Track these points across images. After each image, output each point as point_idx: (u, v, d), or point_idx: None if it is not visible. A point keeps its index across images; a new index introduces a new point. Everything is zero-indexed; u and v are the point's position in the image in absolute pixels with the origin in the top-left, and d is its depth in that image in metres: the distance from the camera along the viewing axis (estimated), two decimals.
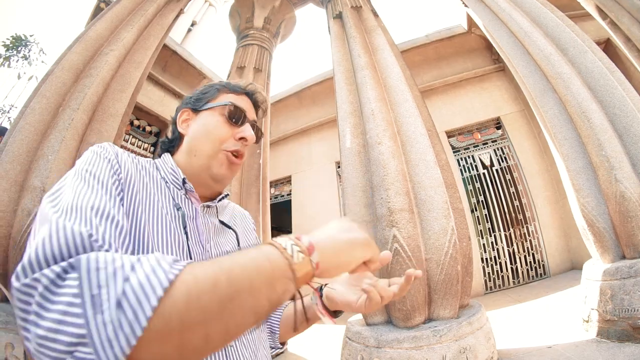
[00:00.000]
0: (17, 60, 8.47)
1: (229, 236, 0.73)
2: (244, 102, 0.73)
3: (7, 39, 8.37)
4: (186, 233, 0.60)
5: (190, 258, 0.58)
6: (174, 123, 0.74)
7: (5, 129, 2.78)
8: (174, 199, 0.64)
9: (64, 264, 0.33)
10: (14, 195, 1.95)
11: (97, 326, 0.29)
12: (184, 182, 0.66)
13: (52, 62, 2.54)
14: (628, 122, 2.33)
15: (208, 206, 0.70)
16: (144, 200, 0.57)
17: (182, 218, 0.61)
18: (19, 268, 0.34)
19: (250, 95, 0.76)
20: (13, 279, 0.34)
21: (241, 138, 0.69)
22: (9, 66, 8.39)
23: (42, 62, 8.69)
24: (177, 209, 0.62)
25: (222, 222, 0.73)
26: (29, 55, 8.61)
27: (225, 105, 0.70)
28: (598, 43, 4.55)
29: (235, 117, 0.70)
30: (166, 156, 0.71)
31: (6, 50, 8.36)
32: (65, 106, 2.30)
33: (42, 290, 0.32)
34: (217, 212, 0.74)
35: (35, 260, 0.34)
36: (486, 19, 3.36)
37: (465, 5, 3.73)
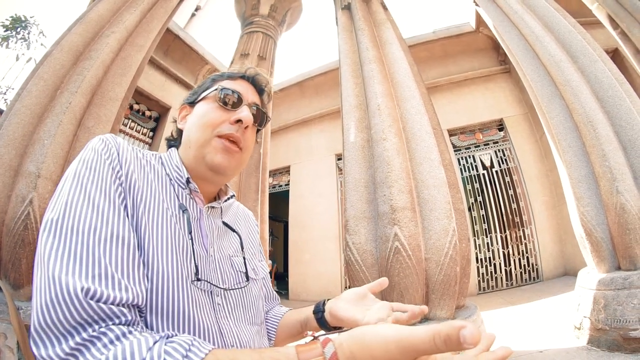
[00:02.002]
0: (16, 41, 8.20)
1: (232, 239, 0.71)
2: (240, 86, 0.69)
3: (7, 19, 8.09)
4: (191, 238, 0.57)
5: (195, 263, 0.55)
6: (175, 122, 0.71)
7: (1, 110, 2.70)
8: (178, 198, 0.61)
9: (67, 350, 0.37)
10: (8, 180, 1.89)
11: None
12: (187, 181, 0.63)
13: (52, 44, 2.45)
14: (634, 135, 2.32)
15: (212, 207, 0.68)
16: (148, 202, 0.54)
17: (187, 221, 0.58)
18: (32, 331, 0.38)
19: (249, 79, 0.71)
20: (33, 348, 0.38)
21: (237, 121, 0.63)
22: (7, 47, 8.12)
23: (42, 44, 8.42)
24: (183, 211, 0.59)
25: (225, 224, 0.70)
26: (28, 37, 8.33)
27: (217, 89, 0.66)
28: (606, 52, 4.51)
29: (228, 99, 0.65)
30: (172, 151, 0.68)
31: (5, 31, 8.08)
32: (63, 89, 2.22)
33: None
34: (221, 212, 0.71)
35: (42, 330, 0.37)
36: (497, 19, 3.30)
37: (476, 4, 3.66)
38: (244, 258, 0.70)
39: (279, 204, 8.06)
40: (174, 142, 0.71)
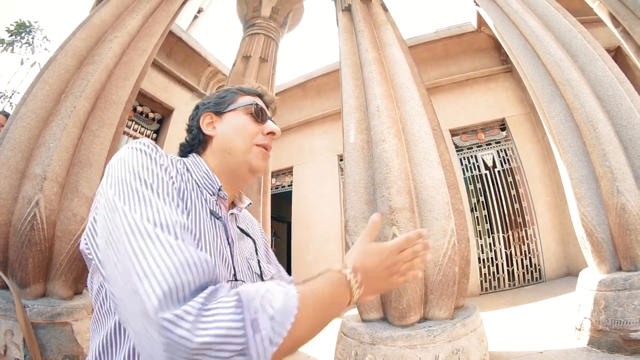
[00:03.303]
0: (21, 46, 8.33)
1: (248, 244, 0.77)
2: (260, 102, 0.79)
3: (11, 24, 8.23)
4: (229, 243, 0.63)
5: (233, 266, 0.63)
6: (197, 127, 0.75)
7: (8, 114, 2.76)
8: (208, 204, 0.65)
9: (205, 294, 0.39)
10: (15, 182, 1.95)
11: (256, 342, 0.39)
12: (219, 189, 0.68)
13: (55, 49, 2.51)
14: (634, 134, 2.31)
15: (232, 213, 0.74)
16: (192, 207, 0.58)
17: (225, 227, 0.64)
18: (161, 295, 0.37)
19: (261, 96, 0.81)
20: (154, 311, 0.37)
21: (269, 132, 0.75)
22: (12, 52, 8.25)
23: (46, 49, 8.54)
24: (217, 218, 0.64)
25: (241, 230, 0.77)
26: (32, 42, 8.46)
27: (250, 105, 0.76)
28: (608, 50, 4.47)
29: (260, 114, 0.76)
30: (197, 158, 0.72)
31: (10, 36, 8.21)
32: (67, 93, 2.27)
33: (195, 317, 0.37)
34: (236, 219, 0.78)
35: (180, 288, 0.39)
36: (497, 19, 3.30)
37: (477, 4, 3.66)
38: (259, 261, 0.77)
39: (282, 204, 8.09)
40: (193, 147, 0.75)
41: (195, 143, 0.75)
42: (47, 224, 1.92)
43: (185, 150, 0.76)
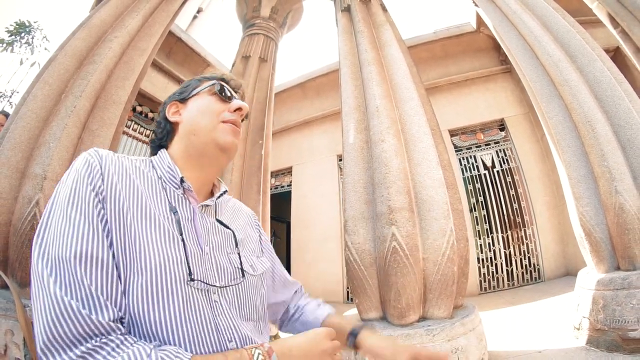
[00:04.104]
0: (20, 46, 8.35)
1: (228, 236, 0.72)
2: (225, 84, 0.78)
3: (11, 24, 8.24)
4: (183, 240, 0.59)
5: (188, 264, 0.57)
6: (164, 118, 0.75)
7: (8, 114, 2.76)
8: (169, 201, 0.63)
9: (80, 352, 0.43)
10: (15, 182, 1.95)
11: None
12: (181, 181, 0.66)
13: (55, 49, 2.51)
14: (632, 134, 2.32)
15: (206, 205, 0.70)
16: (135, 210, 0.56)
17: (178, 223, 0.61)
18: (42, 345, 0.44)
19: (226, 81, 0.79)
20: (39, 353, 0.44)
21: (237, 109, 0.73)
22: (12, 51, 8.26)
23: (45, 49, 8.54)
24: (173, 213, 0.62)
25: (219, 222, 0.72)
26: (32, 42, 8.48)
27: (213, 85, 0.74)
28: (607, 51, 4.48)
29: (225, 92, 0.75)
30: (162, 152, 0.71)
31: (10, 36, 8.22)
32: (67, 93, 2.27)
33: None
34: (215, 210, 0.73)
35: (49, 343, 0.43)
36: (496, 20, 3.31)
37: (476, 5, 3.67)
38: (239, 254, 0.71)
39: (281, 204, 8.09)
40: (161, 141, 0.74)
41: (164, 135, 0.73)
42: None
43: (155, 145, 0.75)
